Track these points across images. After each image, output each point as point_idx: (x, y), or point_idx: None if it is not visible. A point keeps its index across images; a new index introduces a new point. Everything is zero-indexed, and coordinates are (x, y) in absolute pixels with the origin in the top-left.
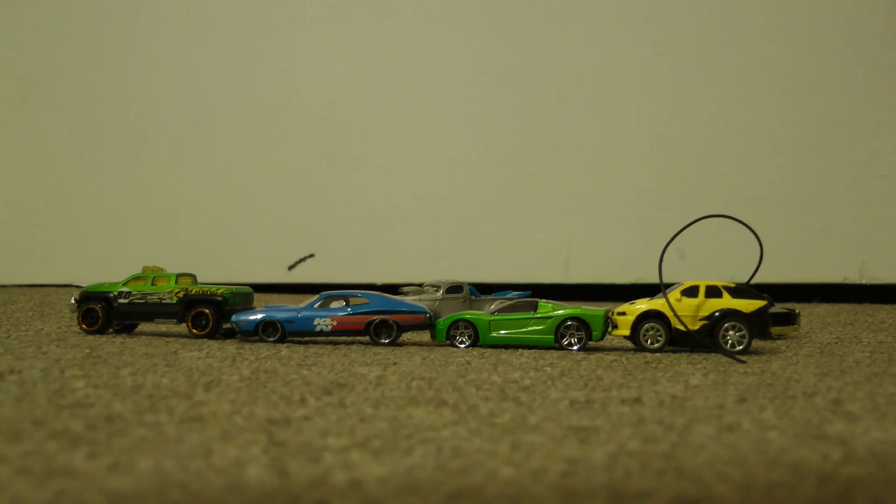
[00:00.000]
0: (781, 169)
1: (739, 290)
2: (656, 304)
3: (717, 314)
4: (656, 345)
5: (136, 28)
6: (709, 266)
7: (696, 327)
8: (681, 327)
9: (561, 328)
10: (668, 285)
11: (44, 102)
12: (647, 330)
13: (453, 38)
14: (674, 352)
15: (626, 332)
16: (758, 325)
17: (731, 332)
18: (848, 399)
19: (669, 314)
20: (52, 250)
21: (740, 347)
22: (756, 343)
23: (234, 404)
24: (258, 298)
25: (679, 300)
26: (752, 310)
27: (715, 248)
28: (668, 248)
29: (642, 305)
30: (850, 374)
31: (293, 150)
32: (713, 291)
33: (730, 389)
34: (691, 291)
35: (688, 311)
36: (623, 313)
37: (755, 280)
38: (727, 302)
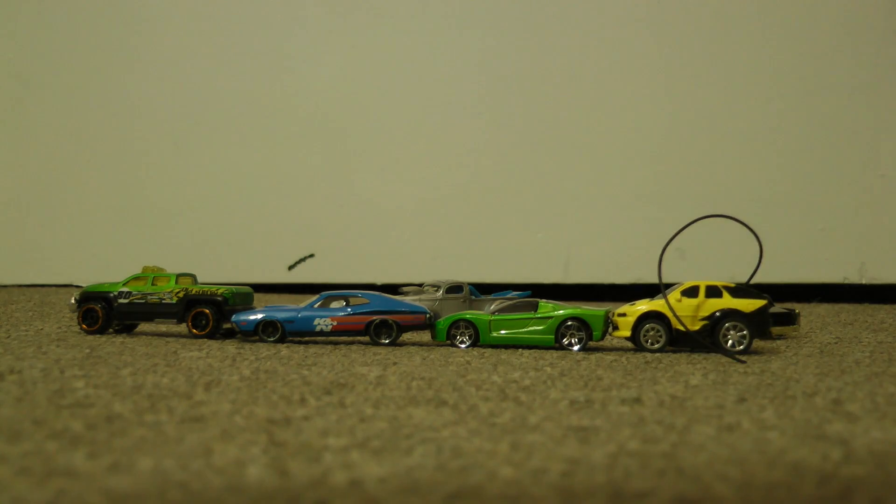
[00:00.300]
0: (781, 169)
1: (739, 290)
2: (656, 304)
3: (717, 314)
4: (657, 345)
5: (135, 28)
6: (709, 266)
7: (697, 327)
8: (681, 327)
9: (561, 328)
10: (668, 285)
11: (43, 102)
12: (647, 331)
13: (454, 39)
14: (674, 352)
15: (627, 334)
16: (758, 324)
17: (731, 332)
18: (848, 399)
19: (669, 315)
20: (52, 250)
21: (740, 347)
22: (756, 343)
23: (234, 404)
24: (258, 298)
25: (679, 300)
26: (753, 310)
27: (715, 248)
28: (668, 248)
29: (643, 306)
30: (850, 374)
31: (293, 150)
32: (713, 291)
33: (730, 389)
34: (691, 291)
35: (688, 312)
36: (623, 314)
37: (755, 280)
38: (727, 302)
